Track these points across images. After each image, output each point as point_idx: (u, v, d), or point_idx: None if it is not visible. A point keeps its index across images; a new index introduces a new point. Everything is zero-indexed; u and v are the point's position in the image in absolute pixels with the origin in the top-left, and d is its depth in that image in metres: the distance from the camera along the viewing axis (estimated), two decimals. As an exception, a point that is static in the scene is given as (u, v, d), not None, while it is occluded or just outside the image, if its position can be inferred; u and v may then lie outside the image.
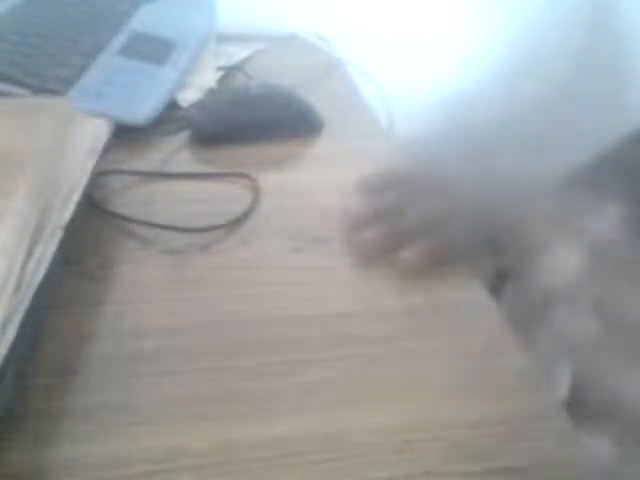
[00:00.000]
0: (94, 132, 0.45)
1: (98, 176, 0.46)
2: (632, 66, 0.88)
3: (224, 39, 0.74)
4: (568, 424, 0.34)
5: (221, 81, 0.67)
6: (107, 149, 0.46)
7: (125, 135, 0.53)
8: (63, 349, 0.36)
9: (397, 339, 0.38)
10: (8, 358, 0.30)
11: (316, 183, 0.52)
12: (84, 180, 0.42)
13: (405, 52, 0.86)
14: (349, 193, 0.47)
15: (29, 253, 0.33)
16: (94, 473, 0.30)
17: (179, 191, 0.50)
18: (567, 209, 0.40)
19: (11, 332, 0.30)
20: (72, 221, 0.39)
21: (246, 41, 0.75)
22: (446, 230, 0.42)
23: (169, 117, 0.59)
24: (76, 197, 0.40)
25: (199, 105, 0.61)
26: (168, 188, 0.51)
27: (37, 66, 0.58)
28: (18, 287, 0.32)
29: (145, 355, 0.36)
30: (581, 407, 0.30)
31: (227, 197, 0.50)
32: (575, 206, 0.40)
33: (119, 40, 0.65)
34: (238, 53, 0.73)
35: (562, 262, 0.39)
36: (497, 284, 0.44)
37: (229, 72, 0.69)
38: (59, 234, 0.37)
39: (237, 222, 0.47)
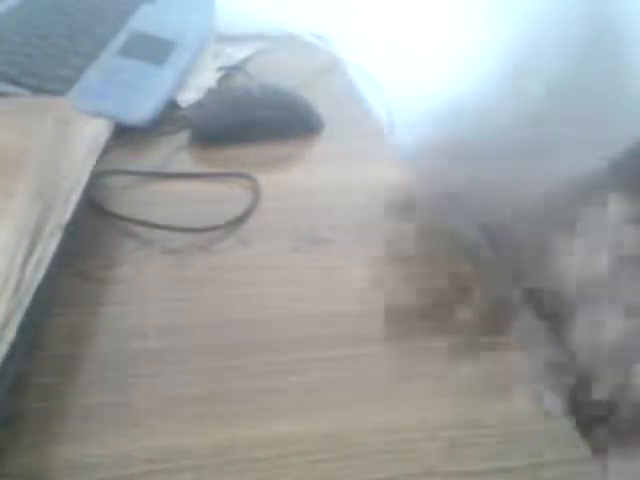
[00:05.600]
0: (94, 132, 0.45)
1: (98, 176, 0.46)
2: (632, 64, 0.88)
3: (224, 39, 0.74)
4: (568, 424, 0.34)
5: (221, 81, 0.67)
6: (107, 149, 0.46)
7: (125, 135, 0.53)
8: (63, 349, 0.36)
9: (396, 339, 0.38)
10: (8, 358, 0.30)
11: (316, 183, 0.52)
12: (84, 180, 0.42)
13: (405, 52, 0.86)
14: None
15: (29, 253, 0.33)
16: (94, 473, 0.30)
17: (179, 191, 0.50)
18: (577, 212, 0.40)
19: (11, 332, 0.30)
20: (72, 221, 0.39)
21: (246, 41, 0.75)
22: None
23: (169, 117, 0.59)
24: (76, 197, 0.40)
25: (199, 105, 0.61)
26: (168, 188, 0.51)
27: (37, 66, 0.58)
28: (18, 287, 0.32)
29: (145, 355, 0.36)
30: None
31: (227, 197, 0.50)
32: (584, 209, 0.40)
33: (119, 40, 0.65)
34: (238, 53, 0.73)
35: (585, 263, 0.39)
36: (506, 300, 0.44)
37: (229, 72, 0.69)
38: (59, 234, 0.37)
39: (237, 222, 0.47)
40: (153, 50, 0.65)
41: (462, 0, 0.87)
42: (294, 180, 0.52)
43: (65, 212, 0.38)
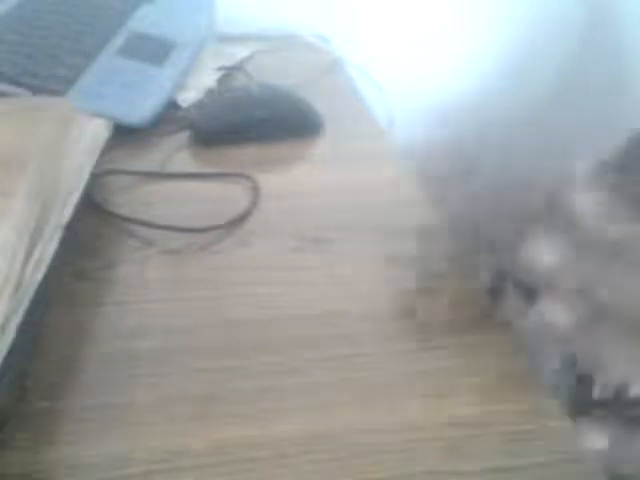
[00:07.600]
0: (94, 132, 0.45)
1: (98, 176, 0.46)
2: (632, 62, 0.88)
3: (224, 39, 0.74)
4: (568, 424, 0.34)
5: (221, 81, 0.67)
6: (107, 149, 0.46)
7: (125, 135, 0.53)
8: (63, 349, 0.36)
9: (396, 339, 0.38)
10: (8, 358, 0.30)
11: (316, 183, 0.52)
12: (84, 180, 0.42)
13: (405, 52, 0.86)
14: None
15: (29, 253, 0.33)
16: (94, 473, 0.30)
17: (179, 191, 0.50)
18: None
19: (11, 332, 0.30)
20: (72, 221, 0.39)
21: (246, 41, 0.75)
22: None
23: (169, 117, 0.59)
24: (76, 197, 0.40)
25: (199, 105, 0.61)
26: (168, 188, 0.51)
27: (37, 66, 0.58)
28: (18, 287, 0.32)
29: (145, 355, 0.36)
30: (583, 402, 0.30)
31: (227, 197, 0.50)
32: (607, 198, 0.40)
33: (119, 40, 0.65)
34: (238, 53, 0.73)
35: (542, 252, 0.40)
36: (497, 284, 0.44)
37: (229, 72, 0.69)
38: (59, 234, 0.37)
39: (237, 222, 0.47)
40: (153, 50, 0.65)
41: (462, 0, 0.87)
42: (294, 180, 0.53)
43: (65, 212, 0.38)
